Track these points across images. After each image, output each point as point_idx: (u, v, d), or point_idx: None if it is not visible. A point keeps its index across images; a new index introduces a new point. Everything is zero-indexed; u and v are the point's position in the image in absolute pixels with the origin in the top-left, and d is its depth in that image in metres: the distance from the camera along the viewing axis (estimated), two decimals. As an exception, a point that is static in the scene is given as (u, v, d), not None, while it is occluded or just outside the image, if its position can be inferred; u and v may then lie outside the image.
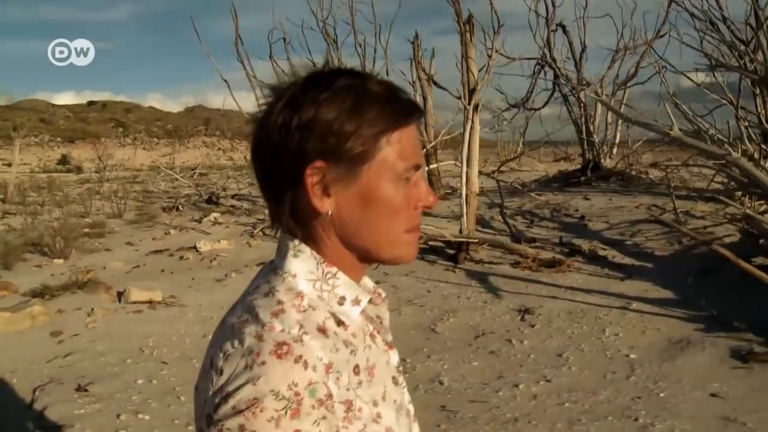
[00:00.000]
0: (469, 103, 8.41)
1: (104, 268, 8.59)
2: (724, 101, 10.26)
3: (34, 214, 13.26)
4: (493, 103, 17.80)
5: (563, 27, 16.92)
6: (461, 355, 5.12)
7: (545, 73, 16.64)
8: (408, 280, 7.23)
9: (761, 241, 7.21)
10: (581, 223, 10.58)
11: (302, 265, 0.89)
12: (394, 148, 0.87)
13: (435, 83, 15.20)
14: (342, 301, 0.89)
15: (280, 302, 0.84)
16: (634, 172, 15.19)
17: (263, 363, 0.76)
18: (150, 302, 6.68)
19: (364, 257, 0.93)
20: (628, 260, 7.88)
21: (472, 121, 8.41)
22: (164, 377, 4.93)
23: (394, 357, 1.01)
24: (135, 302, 6.66)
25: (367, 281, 1.02)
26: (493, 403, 4.25)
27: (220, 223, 11.91)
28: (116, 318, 6.32)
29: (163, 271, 8.42)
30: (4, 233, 11.04)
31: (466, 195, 8.23)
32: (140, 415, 4.25)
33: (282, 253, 0.91)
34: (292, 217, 0.88)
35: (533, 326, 5.67)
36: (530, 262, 7.61)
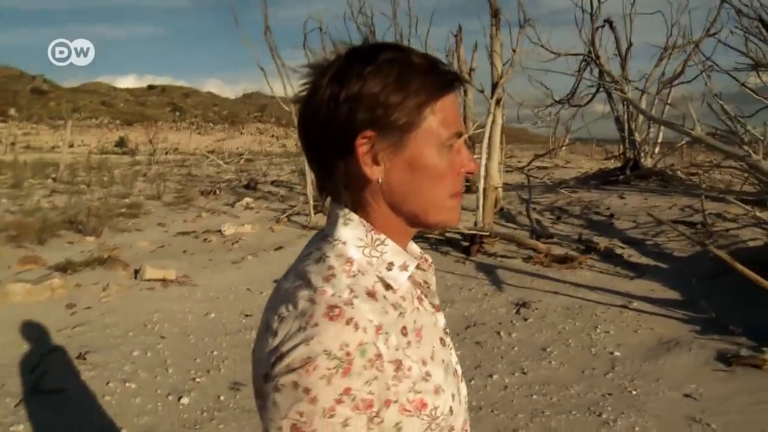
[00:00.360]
0: (491, 97, 8.43)
1: (131, 246, 8.90)
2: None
3: (78, 193, 13.78)
4: (536, 99, 17.71)
5: (610, 23, 16.66)
6: (447, 345, 5.20)
7: (591, 70, 16.45)
8: (415, 270, 7.31)
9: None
10: (608, 221, 10.48)
11: (352, 233, 0.93)
12: (438, 117, 0.92)
13: (457, 76, 15.12)
14: (390, 266, 0.92)
15: (331, 267, 0.88)
16: (673, 172, 14.91)
17: (316, 324, 0.80)
18: (163, 280, 6.93)
19: (412, 222, 0.96)
20: (644, 260, 7.81)
21: (494, 115, 8.42)
22: (159, 350, 5.15)
23: (441, 319, 1.05)
24: (149, 280, 6.92)
25: (414, 247, 1.05)
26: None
27: (251, 208, 12.18)
28: (129, 294, 6.58)
29: (185, 251, 8.69)
30: (48, 211, 11.50)
31: (484, 188, 8.25)
32: (128, 384, 4.49)
33: (332, 221, 0.95)
34: (343, 186, 0.93)
35: (526, 320, 5.71)
36: (542, 258, 7.61)
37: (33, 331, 5.44)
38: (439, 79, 0.92)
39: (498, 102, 8.42)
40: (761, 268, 7.42)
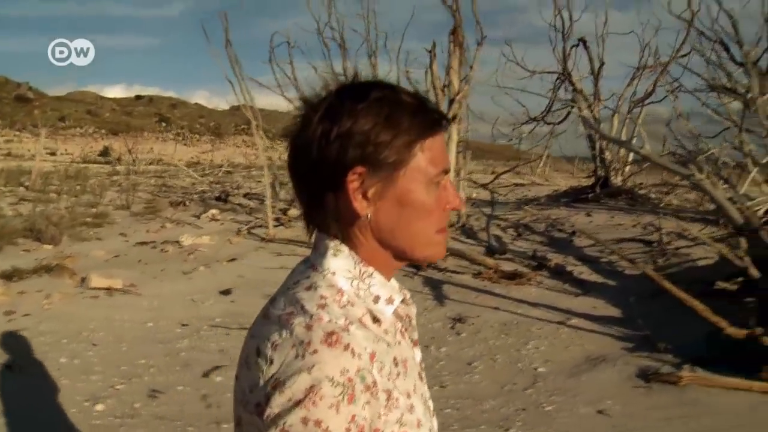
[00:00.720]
0: (447, 113, 8.49)
1: (87, 255, 8.89)
2: (729, 123, 10.20)
3: (47, 201, 13.74)
4: (514, 116, 17.86)
5: (584, 42, 16.83)
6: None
7: (566, 89, 16.60)
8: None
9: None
10: (569, 239, 10.56)
11: (341, 264, 0.94)
12: (426, 155, 0.93)
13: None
14: (377, 299, 0.94)
15: (323, 297, 0.89)
16: (641, 191, 15.05)
17: (315, 351, 0.80)
18: (109, 289, 6.93)
19: (399, 256, 0.98)
20: (594, 277, 7.87)
21: (449, 132, 8.48)
22: (88, 358, 5.15)
23: (418, 354, 1.07)
24: (94, 288, 6.92)
25: (393, 282, 1.04)
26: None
27: (217, 220, 12.20)
28: (72, 302, 6.58)
29: (140, 261, 8.69)
30: (11, 218, 11.46)
31: (437, 204, 8.29)
32: (47, 390, 4.48)
33: (320, 252, 0.96)
34: (332, 219, 0.94)
35: (459, 335, 5.74)
36: (491, 274, 7.65)
37: (-33, 338, 5.43)
38: (427, 118, 0.95)
39: (453, 118, 8.47)
40: (707, 286, 7.52)
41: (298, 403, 0.77)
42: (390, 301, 0.96)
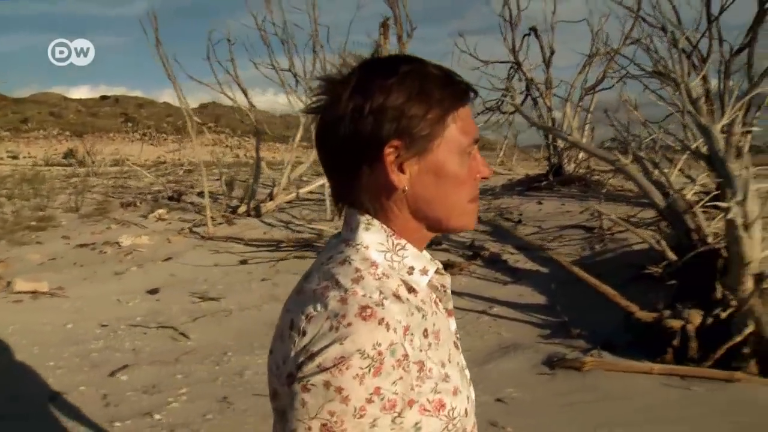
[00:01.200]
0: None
1: (22, 259, 8.80)
2: (672, 110, 10.27)
3: (-5, 205, 13.56)
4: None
5: (535, 31, 16.87)
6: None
7: (519, 78, 16.62)
8: (291, 278, 7.34)
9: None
10: (513, 227, 10.60)
11: (373, 237, 0.95)
12: (458, 125, 0.96)
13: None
14: (411, 270, 0.96)
15: (357, 270, 0.90)
16: (595, 178, 15.13)
17: (349, 324, 0.81)
18: (34, 292, 6.85)
19: (432, 227, 1.00)
20: (528, 265, 7.90)
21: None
22: (-5, 364, 5.09)
23: (453, 324, 1.08)
24: (19, 292, 6.83)
25: (425, 253, 1.04)
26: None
27: (164, 219, 12.08)
28: (-7, 306, 6.50)
29: (75, 263, 8.62)
30: (-47, 223, 11.31)
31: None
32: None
33: (352, 227, 0.97)
34: (366, 194, 0.95)
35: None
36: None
37: None
38: (456, 89, 0.97)
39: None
40: (639, 270, 7.60)
41: (324, 369, 0.79)
42: (424, 271, 0.98)
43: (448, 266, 7.60)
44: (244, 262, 8.23)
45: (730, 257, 5.33)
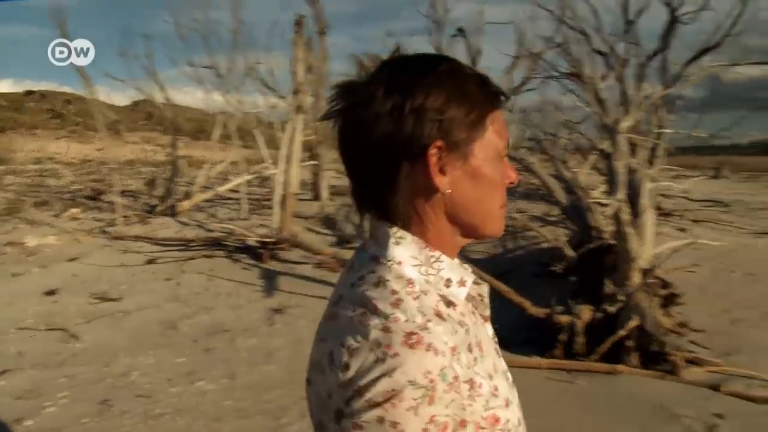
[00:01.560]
0: (293, 104, 8.44)
1: None
2: (588, 109, 10.49)
3: None
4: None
5: (462, 32, 17.05)
6: (177, 351, 5.13)
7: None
8: (195, 278, 7.23)
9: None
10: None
11: (405, 252, 0.89)
12: (494, 128, 0.91)
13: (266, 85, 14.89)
14: (448, 283, 0.89)
15: (395, 292, 0.84)
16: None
17: (396, 354, 0.76)
18: None
19: (467, 234, 0.94)
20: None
21: (295, 122, 8.43)
22: None
23: (490, 330, 1.02)
24: None
25: (458, 261, 0.98)
26: (156, 397, 4.29)
27: (77, 219, 11.75)
28: None
29: (-28, 265, 8.28)
30: None
31: (282, 195, 8.24)
32: None
33: (381, 241, 0.90)
34: (402, 198, 0.89)
35: (272, 325, 5.70)
36: (333, 263, 7.64)
37: None
38: (491, 90, 0.92)
39: (298, 109, 8.42)
40: (546, 267, 7.75)
41: (376, 405, 0.75)
42: (462, 283, 0.91)
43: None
44: (151, 261, 8.05)
45: (619, 253, 5.47)
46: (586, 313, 5.19)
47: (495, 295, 5.90)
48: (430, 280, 0.89)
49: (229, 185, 12.63)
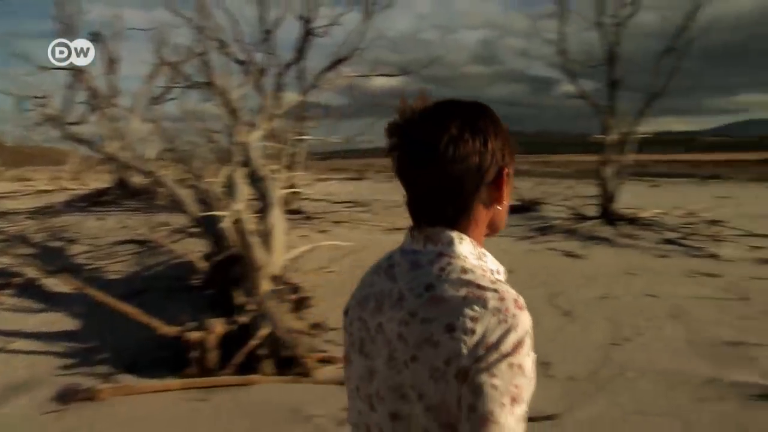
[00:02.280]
0: None
1: None
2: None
3: None
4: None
5: (98, 36, 16.09)
6: None
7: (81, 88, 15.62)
8: None
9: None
10: (62, 248, 9.88)
11: (466, 249, 1.11)
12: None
13: None
14: (492, 272, 1.12)
15: (483, 274, 1.06)
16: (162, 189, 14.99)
17: (514, 315, 0.99)
18: None
19: (490, 233, 1.20)
20: (68, 288, 7.31)
21: None
22: None
23: None
24: None
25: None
26: None
27: None
28: None
29: None
30: None
31: None
32: None
33: (445, 242, 1.11)
34: (474, 210, 1.13)
35: None
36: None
37: None
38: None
39: None
40: (182, 282, 7.59)
41: (507, 355, 0.96)
42: (499, 272, 1.15)
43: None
44: None
45: (246, 262, 5.52)
46: (219, 326, 5.14)
47: (126, 318, 5.62)
48: (483, 269, 1.10)
49: None
